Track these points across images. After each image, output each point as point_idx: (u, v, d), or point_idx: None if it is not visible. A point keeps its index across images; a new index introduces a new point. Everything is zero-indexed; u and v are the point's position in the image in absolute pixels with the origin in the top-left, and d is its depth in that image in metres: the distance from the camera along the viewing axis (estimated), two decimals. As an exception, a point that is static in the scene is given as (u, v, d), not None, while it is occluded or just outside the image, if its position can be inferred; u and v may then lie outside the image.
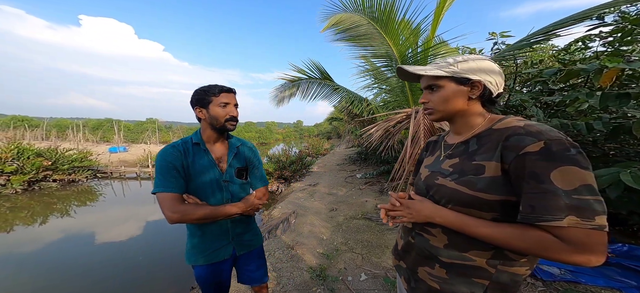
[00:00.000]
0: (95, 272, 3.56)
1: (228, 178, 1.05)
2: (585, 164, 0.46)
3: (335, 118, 13.18)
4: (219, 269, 1.07)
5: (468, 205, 0.57)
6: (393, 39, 3.43)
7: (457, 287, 0.61)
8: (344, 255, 2.44)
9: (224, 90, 1.00)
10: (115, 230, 5.21)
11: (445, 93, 0.64)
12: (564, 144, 0.47)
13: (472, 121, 0.65)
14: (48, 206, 6.72)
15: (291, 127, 64.96)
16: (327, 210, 4.12)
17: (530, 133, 0.50)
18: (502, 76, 0.63)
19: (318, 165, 10.31)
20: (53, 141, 16.10)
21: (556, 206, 0.45)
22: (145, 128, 32.72)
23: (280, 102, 5.16)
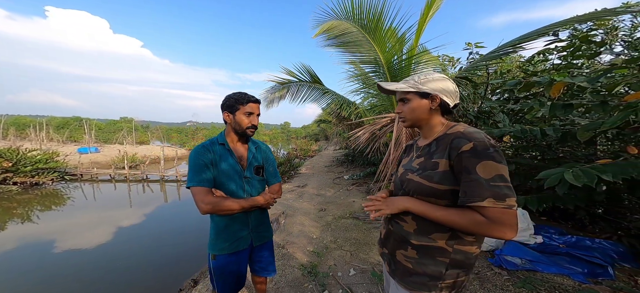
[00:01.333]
0: (63, 278, 3.36)
1: (248, 174, 1.19)
2: (499, 159, 0.62)
3: (323, 120, 13.34)
4: (238, 258, 1.20)
5: (428, 194, 0.72)
6: (380, 47, 3.64)
7: (426, 265, 0.74)
8: (334, 253, 2.55)
9: (252, 101, 1.14)
10: (86, 235, 4.90)
11: (412, 105, 0.80)
12: (485, 145, 0.63)
13: (434, 128, 0.80)
14: (7, 211, 6.16)
15: (278, 128, 64.35)
16: (316, 210, 4.22)
17: (465, 136, 0.67)
18: (457, 92, 0.79)
19: (306, 167, 10.39)
20: (12, 141, 14.65)
21: (480, 191, 0.60)
22: (119, 127, 30.56)
23: (270, 104, 5.20)
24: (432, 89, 0.76)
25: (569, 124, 2.15)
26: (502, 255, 2.00)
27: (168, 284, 3.08)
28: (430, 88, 0.77)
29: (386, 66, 3.76)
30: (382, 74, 3.89)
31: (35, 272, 3.50)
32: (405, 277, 0.77)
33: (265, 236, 1.30)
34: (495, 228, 0.59)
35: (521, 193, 2.70)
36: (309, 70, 4.49)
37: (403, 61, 3.72)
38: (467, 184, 0.63)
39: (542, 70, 3.33)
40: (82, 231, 5.15)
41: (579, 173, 1.41)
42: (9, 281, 3.32)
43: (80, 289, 3.11)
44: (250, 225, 1.21)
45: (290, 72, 4.56)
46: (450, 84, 0.78)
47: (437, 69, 4.96)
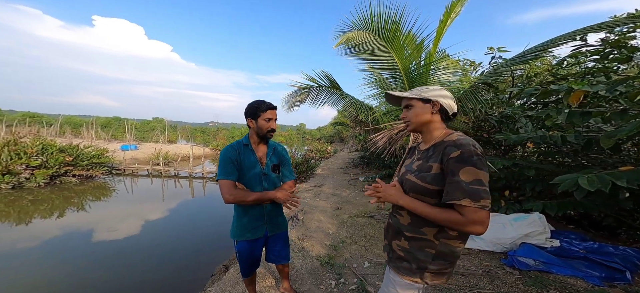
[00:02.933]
0: (108, 265, 3.89)
1: (266, 171, 1.39)
2: (481, 166, 0.73)
3: (339, 122, 13.48)
4: (255, 245, 1.40)
5: (420, 192, 0.84)
6: (398, 54, 3.76)
7: (415, 254, 0.86)
8: (349, 247, 2.73)
9: (270, 108, 1.34)
10: (128, 223, 5.54)
11: (416, 110, 0.90)
12: (471, 153, 0.74)
13: (434, 134, 0.90)
14: (67, 200, 7.12)
15: (294, 130, 65.38)
16: (332, 208, 4.42)
17: (456, 144, 0.77)
18: (454, 101, 0.91)
19: (322, 168, 10.62)
20: (69, 138, 16.63)
21: (459, 191, 0.72)
22: (152, 126, 33.43)
23: (291, 108, 5.50)
24: (433, 96, 0.88)
25: (595, 131, 2.13)
26: (516, 256, 2.05)
27: (202, 268, 3.46)
28: (431, 95, 0.88)
29: (404, 72, 3.86)
30: (400, 79, 3.99)
31: (87, 256, 4.10)
32: (397, 263, 0.90)
33: (280, 227, 1.48)
34: (470, 225, 0.71)
35: (546, 198, 2.67)
36: (328, 76, 4.71)
37: (421, 67, 3.80)
38: (449, 185, 0.75)
39: (575, 73, 3.22)
40: (125, 219, 5.84)
41: (593, 179, 1.46)
42: (64, 262, 3.93)
43: (125, 270, 3.61)
44: (265, 217, 1.40)
45: (311, 78, 4.82)
46: (448, 94, 0.89)
47: (457, 73, 4.93)
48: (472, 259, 2.28)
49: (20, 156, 7.68)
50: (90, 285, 3.17)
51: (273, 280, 2.04)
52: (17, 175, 7.45)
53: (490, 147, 3.91)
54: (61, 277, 3.36)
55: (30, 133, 10.60)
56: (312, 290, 1.93)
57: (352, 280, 2.06)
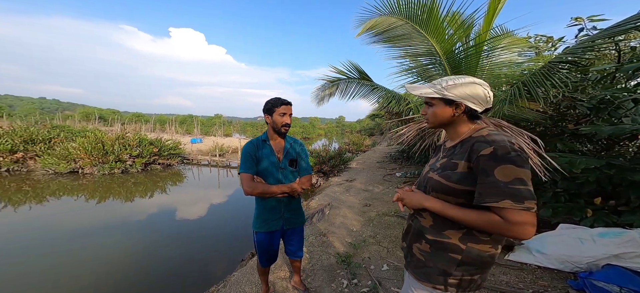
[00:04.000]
0: (179, 238, 4.75)
1: (283, 166, 1.45)
2: (521, 163, 0.64)
3: (376, 114, 12.83)
4: (272, 237, 1.48)
5: (445, 192, 0.77)
6: (436, 36, 3.27)
7: (437, 259, 0.79)
8: (370, 247, 2.62)
9: (284, 103, 1.39)
10: (189, 207, 6.68)
11: (436, 109, 0.83)
12: (507, 150, 0.65)
13: (459, 131, 0.83)
14: (155, 184, 9.05)
15: (333, 123, 65.48)
16: (361, 205, 4.29)
17: (487, 141, 0.69)
18: (488, 97, 0.78)
19: (357, 161, 10.38)
20: (157, 133, 20.90)
21: (496, 193, 0.64)
22: (213, 122, 39.23)
23: (320, 101, 5.51)
24: (458, 96, 0.78)
25: None
26: (590, 279, 1.59)
27: (236, 253, 3.91)
28: (456, 95, 0.78)
29: (444, 57, 3.34)
30: (440, 65, 3.47)
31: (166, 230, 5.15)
32: (417, 269, 0.84)
33: (296, 222, 1.53)
34: (512, 227, 0.63)
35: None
36: (357, 67, 4.48)
37: (470, 49, 3.20)
38: (483, 186, 0.67)
39: None
40: (188, 203, 7.07)
41: None
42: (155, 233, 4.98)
43: (187, 241, 4.44)
44: (281, 211, 1.46)
45: (339, 70, 4.69)
46: (480, 90, 0.77)
47: (527, 53, 4.00)
48: (523, 275, 1.89)
49: (126, 147, 10.10)
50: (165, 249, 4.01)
51: (288, 272, 2.14)
52: (124, 162, 9.84)
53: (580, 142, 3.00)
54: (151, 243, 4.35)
55: (133, 130, 13.74)
56: (322, 287, 1.95)
57: (366, 282, 1.98)
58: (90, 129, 13.62)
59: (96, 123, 29.30)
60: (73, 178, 8.97)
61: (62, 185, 8.18)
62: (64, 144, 10.04)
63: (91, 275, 3.28)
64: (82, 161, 9.38)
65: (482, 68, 3.36)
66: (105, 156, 9.69)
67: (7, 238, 4.53)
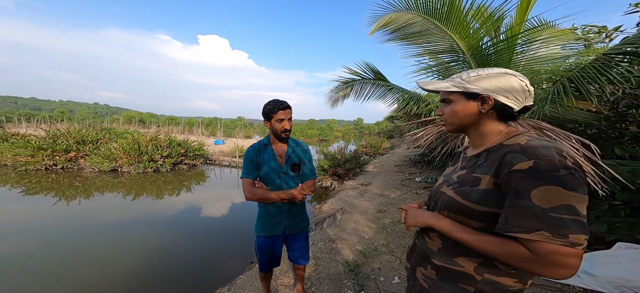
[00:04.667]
0: (200, 236, 4.99)
1: (285, 170, 1.40)
2: (574, 186, 0.48)
3: (394, 116, 12.37)
4: (273, 242, 1.44)
5: (459, 212, 0.63)
6: (459, 31, 3.01)
7: (443, 290, 0.65)
8: (382, 257, 2.46)
9: (282, 108, 1.34)
10: (212, 206, 7.01)
11: (454, 107, 0.67)
12: (553, 165, 0.49)
13: (485, 136, 0.66)
14: (181, 183, 9.71)
15: (351, 125, 64.79)
16: (375, 210, 4.11)
17: (524, 151, 0.53)
18: (526, 91, 0.61)
19: (374, 165, 10.06)
20: (186, 135, 22.53)
21: (528, 220, 0.49)
22: (235, 124, 41.37)
23: (334, 103, 5.43)
24: (484, 89, 0.62)
25: None
26: None
27: (248, 253, 3.96)
28: (482, 87, 0.62)
29: (469, 53, 3.06)
30: (465, 62, 3.18)
31: (187, 227, 5.46)
32: None
33: (299, 227, 1.47)
34: (543, 265, 0.48)
35: None
36: (372, 67, 4.33)
37: (500, 43, 2.88)
38: (512, 209, 0.52)
39: None
40: (208, 202, 7.44)
41: None
42: (181, 229, 5.31)
43: (204, 239, 4.65)
44: (283, 214, 1.41)
45: (353, 71, 4.57)
46: (515, 81, 0.61)
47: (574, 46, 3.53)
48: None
49: (157, 148, 11.01)
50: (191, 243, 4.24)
51: (292, 278, 2.09)
52: (156, 162, 10.72)
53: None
54: (173, 239, 4.65)
55: (165, 132, 14.96)
56: (326, 297, 1.85)
57: (374, 297, 1.84)
58: (130, 131, 15.09)
59: (136, 126, 32.59)
60: (114, 176, 9.98)
61: (105, 182, 9.15)
62: (107, 145, 11.24)
63: (123, 264, 3.60)
64: (121, 161, 10.40)
65: (517, 64, 3.00)
66: (140, 156, 10.64)
67: (61, 228, 5.16)
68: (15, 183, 8.44)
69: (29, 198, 7.24)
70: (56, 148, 10.81)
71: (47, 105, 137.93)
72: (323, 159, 7.93)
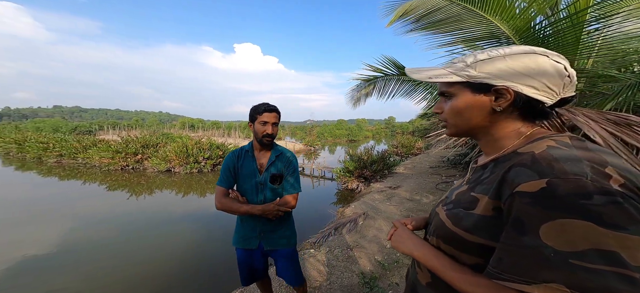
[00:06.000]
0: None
1: (263, 181, 1.25)
2: (615, 221, 0.30)
3: (427, 113, 11.35)
4: (250, 256, 1.31)
5: (448, 240, 0.49)
6: (500, 13, 2.55)
7: None
8: (403, 270, 2.23)
9: (266, 110, 1.21)
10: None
11: (457, 104, 0.48)
12: (581, 188, 0.32)
13: (500, 141, 0.48)
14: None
15: (382, 124, 62.28)
16: (402, 216, 3.76)
17: (536, 164, 0.37)
18: (562, 75, 0.42)
19: (405, 166, 9.40)
20: (225, 138, 24.90)
21: (533, 266, 0.34)
22: None
23: (356, 103, 5.24)
24: (499, 76, 0.43)
25: None
26: None
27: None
28: (495, 74, 0.43)
29: (517, 37, 2.56)
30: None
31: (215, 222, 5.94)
32: None
33: (279, 244, 1.29)
34: None
35: None
36: (395, 62, 4.01)
37: (562, 22, 2.30)
38: (508, 247, 0.38)
39: None
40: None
41: None
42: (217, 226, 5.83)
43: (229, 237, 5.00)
44: (258, 229, 1.27)
45: (375, 67, 4.32)
46: (547, 63, 0.42)
47: None
48: None
49: (201, 151, 12.41)
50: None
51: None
52: (200, 163, 12.08)
53: None
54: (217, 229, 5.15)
55: (208, 136, 16.78)
56: (336, 310, 1.75)
57: (390, 317, 1.66)
58: (180, 136, 17.29)
59: (187, 131, 37.41)
60: (168, 176, 11.57)
61: (161, 181, 10.68)
62: (164, 148, 13.10)
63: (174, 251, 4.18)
64: (173, 162, 11.99)
65: (589, 45, 2.37)
66: (187, 158, 12.09)
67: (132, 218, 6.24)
68: (101, 181, 10.49)
69: (110, 193, 8.93)
70: (128, 151, 13.05)
71: (127, 115, 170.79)
72: (348, 161, 7.74)
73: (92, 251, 4.26)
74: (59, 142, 15.81)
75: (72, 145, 14.96)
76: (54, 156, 14.88)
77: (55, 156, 14.88)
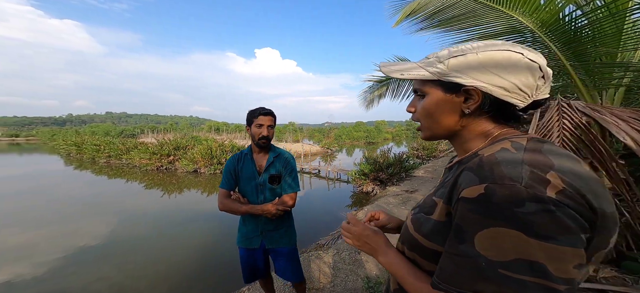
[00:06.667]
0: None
1: (262, 182, 1.31)
2: (544, 231, 0.30)
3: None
4: (252, 255, 1.37)
5: (412, 247, 0.48)
6: (522, 6, 2.35)
7: None
8: (411, 279, 2.15)
9: (262, 113, 1.27)
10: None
11: (427, 103, 0.45)
12: (514, 195, 0.31)
13: (469, 143, 0.45)
14: None
15: (403, 125, 59.98)
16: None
17: (480, 168, 0.36)
18: (536, 76, 0.38)
19: (425, 169, 8.96)
20: (246, 141, 26.13)
21: (468, 277, 0.34)
22: (287, 129, 45.32)
23: (369, 105, 5.17)
24: (468, 73, 0.40)
25: None
26: None
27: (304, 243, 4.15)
28: (464, 71, 0.40)
29: (543, 31, 2.33)
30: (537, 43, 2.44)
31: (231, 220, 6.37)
32: None
33: (280, 242, 1.35)
34: None
35: None
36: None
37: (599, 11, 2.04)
38: (448, 256, 0.38)
39: None
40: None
41: None
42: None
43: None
44: (260, 228, 1.32)
45: (388, 68, 4.24)
46: (519, 61, 0.38)
47: None
48: None
49: (223, 152, 13.21)
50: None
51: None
52: (222, 164, 12.87)
53: None
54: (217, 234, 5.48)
55: (231, 138, 17.73)
56: (337, 312, 1.75)
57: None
58: (207, 139, 18.52)
59: (213, 134, 40.12)
60: (195, 176, 12.48)
61: (189, 181, 11.57)
62: (192, 150, 14.16)
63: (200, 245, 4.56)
64: (199, 163, 12.91)
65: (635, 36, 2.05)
66: (211, 159, 12.93)
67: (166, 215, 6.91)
68: (140, 180, 11.69)
69: (147, 191, 9.93)
70: (162, 152, 14.35)
71: (164, 119, 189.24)
72: (364, 163, 7.62)
73: (130, 245, 4.79)
74: (108, 144, 18.03)
75: (118, 147, 16.95)
76: (104, 157, 17.00)
77: (105, 157, 17.00)
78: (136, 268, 3.86)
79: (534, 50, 0.40)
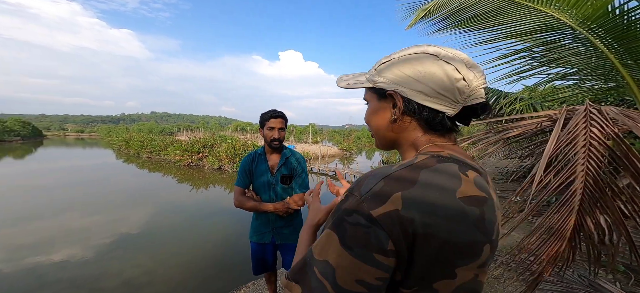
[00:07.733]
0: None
1: (274, 181, 1.40)
2: (350, 241, 0.31)
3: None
4: (263, 249, 1.48)
5: None
6: (553, 3, 2.11)
7: None
8: None
9: (273, 116, 1.36)
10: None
11: (367, 111, 0.46)
12: (350, 205, 0.32)
13: (404, 154, 0.43)
14: None
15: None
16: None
17: (357, 181, 0.36)
18: (453, 84, 0.36)
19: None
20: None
21: (298, 265, 0.36)
22: (307, 130, 45.94)
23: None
24: (393, 79, 0.39)
25: None
26: None
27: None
28: (389, 77, 0.40)
29: (586, 27, 2.05)
30: (579, 41, 2.17)
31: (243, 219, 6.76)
32: None
33: (290, 238, 1.43)
34: None
35: None
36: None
37: None
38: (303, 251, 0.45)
39: None
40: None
41: None
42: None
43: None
44: (271, 224, 1.41)
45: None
46: (435, 69, 0.36)
47: None
48: None
49: (245, 151, 13.94)
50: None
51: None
52: (244, 162, 13.69)
53: None
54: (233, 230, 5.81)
55: (254, 138, 18.44)
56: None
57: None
58: (232, 138, 19.63)
59: (238, 133, 42.27)
60: (219, 173, 13.36)
61: (214, 177, 12.42)
62: (218, 148, 15.18)
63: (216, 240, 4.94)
64: (224, 161, 13.79)
65: None
66: (234, 157, 13.70)
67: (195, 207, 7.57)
68: (174, 175, 12.90)
69: (179, 185, 10.93)
70: (193, 150, 15.62)
71: (197, 119, 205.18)
72: (376, 168, 7.45)
73: (162, 234, 5.34)
74: (150, 141, 20.23)
75: (157, 144, 18.88)
76: (146, 152, 19.10)
77: (147, 152, 19.09)
78: (166, 257, 4.28)
79: (451, 48, 0.38)
